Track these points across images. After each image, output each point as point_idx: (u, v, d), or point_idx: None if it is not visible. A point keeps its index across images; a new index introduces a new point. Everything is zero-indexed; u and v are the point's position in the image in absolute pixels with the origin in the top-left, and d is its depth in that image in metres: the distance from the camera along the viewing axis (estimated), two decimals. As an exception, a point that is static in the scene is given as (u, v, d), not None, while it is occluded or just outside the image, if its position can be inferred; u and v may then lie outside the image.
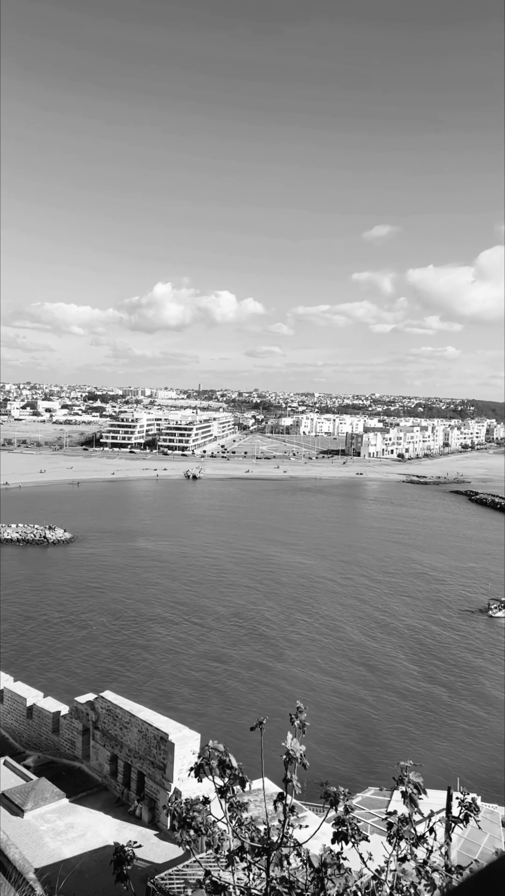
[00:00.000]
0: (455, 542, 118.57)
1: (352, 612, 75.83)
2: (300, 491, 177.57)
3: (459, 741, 48.05)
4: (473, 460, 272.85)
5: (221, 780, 4.69)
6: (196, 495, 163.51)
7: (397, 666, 60.94)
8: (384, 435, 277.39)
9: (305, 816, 16.70)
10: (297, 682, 56.18)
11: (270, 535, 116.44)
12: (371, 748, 46.37)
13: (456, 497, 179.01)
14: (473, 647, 66.46)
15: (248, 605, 76.62)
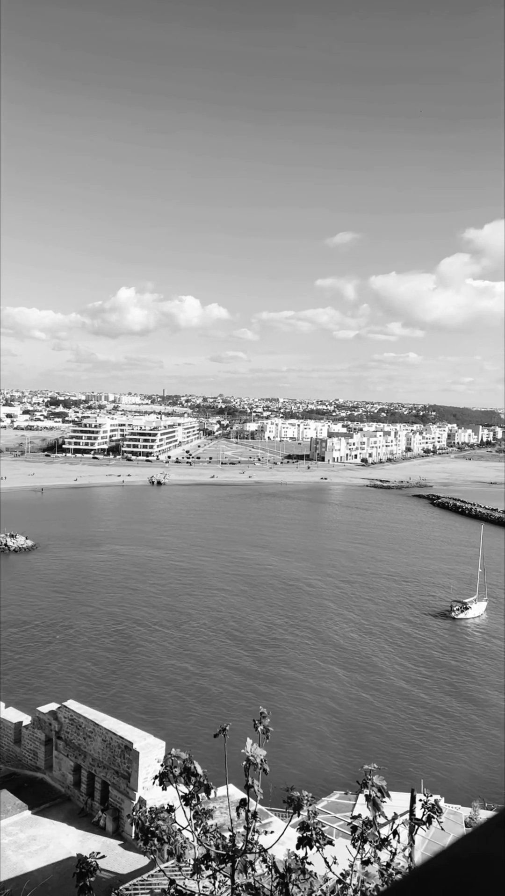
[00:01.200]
0: (418, 545, 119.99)
1: (319, 614, 76.13)
2: (266, 496, 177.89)
3: (425, 743, 48.55)
4: (434, 464, 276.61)
5: (186, 787, 4.68)
6: (161, 501, 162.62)
7: (364, 669, 61.34)
8: (348, 440, 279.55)
9: (271, 822, 16.69)
10: (266, 687, 56.16)
11: (237, 539, 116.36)
12: (339, 751, 46.57)
13: (418, 501, 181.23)
14: (438, 649, 67.26)
15: (216, 609, 76.39)
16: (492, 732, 50.31)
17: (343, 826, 22.99)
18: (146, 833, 4.60)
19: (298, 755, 44.98)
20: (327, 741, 48.11)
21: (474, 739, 49.27)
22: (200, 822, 4.63)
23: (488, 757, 46.75)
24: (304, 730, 49.25)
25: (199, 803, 4.63)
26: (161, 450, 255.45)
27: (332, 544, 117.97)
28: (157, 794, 20.18)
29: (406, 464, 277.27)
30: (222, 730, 5.03)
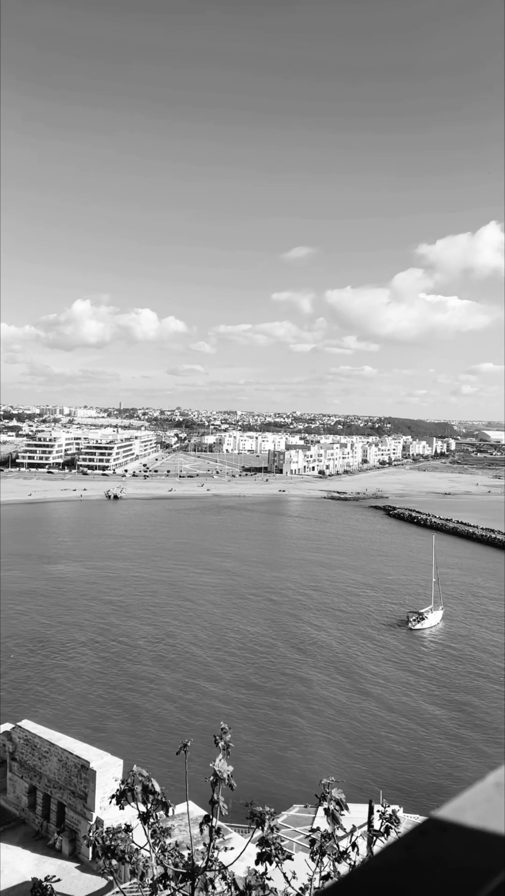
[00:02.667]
0: (375, 555, 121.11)
1: (278, 627, 76.09)
2: (225, 509, 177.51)
3: (385, 753, 48.80)
4: (390, 476, 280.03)
5: (144, 805, 4.63)
6: (118, 516, 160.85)
7: (324, 680, 61.46)
8: (306, 452, 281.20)
9: (231, 838, 16.55)
10: (227, 701, 55.78)
11: (196, 553, 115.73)
12: (298, 764, 46.46)
13: (375, 512, 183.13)
14: (396, 660, 67.84)
15: (175, 624, 75.70)
16: (448, 742, 50.87)
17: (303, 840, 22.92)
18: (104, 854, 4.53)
19: (257, 769, 44.73)
20: (287, 754, 47.98)
21: (432, 748, 49.75)
22: (159, 841, 4.59)
23: (445, 766, 47.25)
24: (264, 743, 49.04)
25: (157, 822, 4.58)
26: (118, 463, 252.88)
27: (290, 556, 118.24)
28: (114, 813, 19.82)
29: (362, 475, 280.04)
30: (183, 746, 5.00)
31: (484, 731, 52.46)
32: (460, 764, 47.34)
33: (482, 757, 48.32)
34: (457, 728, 53.01)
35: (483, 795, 0.96)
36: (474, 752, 49.19)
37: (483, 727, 53.18)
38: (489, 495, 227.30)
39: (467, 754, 48.90)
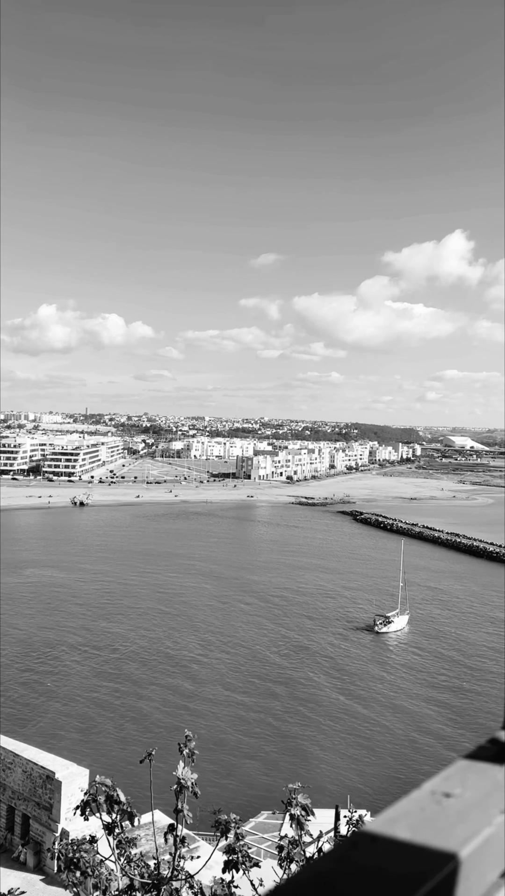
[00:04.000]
0: (342, 561, 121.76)
1: (245, 632, 75.96)
2: (193, 515, 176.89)
3: (351, 757, 48.99)
4: (357, 481, 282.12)
5: (109, 816, 4.58)
6: (84, 523, 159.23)
7: (291, 685, 61.49)
8: (273, 458, 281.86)
9: (198, 847, 16.44)
10: (198, 708, 55.45)
11: (165, 560, 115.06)
12: (268, 771, 46.38)
13: (342, 517, 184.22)
14: (361, 663, 68.21)
15: (143, 630, 75.07)
16: (415, 743, 51.28)
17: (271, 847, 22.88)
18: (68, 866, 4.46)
19: (225, 776, 44.55)
20: (258, 760, 47.88)
21: (398, 751, 50.09)
22: (124, 852, 4.54)
23: (412, 767, 47.61)
24: (233, 749, 48.87)
25: (122, 832, 4.53)
26: (84, 470, 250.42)
27: (258, 561, 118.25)
28: (80, 824, 19.55)
29: (330, 481, 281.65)
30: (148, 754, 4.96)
31: (450, 733, 53.01)
32: (426, 766, 47.75)
33: (447, 760, 48.76)
34: (423, 730, 53.47)
35: (417, 805, 0.96)
36: (440, 754, 49.68)
37: (448, 729, 53.74)
38: (454, 500, 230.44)
39: (434, 756, 49.35)
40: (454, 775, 1.07)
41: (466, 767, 1.09)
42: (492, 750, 1.15)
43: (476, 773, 1.08)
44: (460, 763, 1.10)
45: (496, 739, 1.17)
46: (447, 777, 1.06)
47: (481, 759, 1.12)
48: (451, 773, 1.08)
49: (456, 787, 1.02)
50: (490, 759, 1.12)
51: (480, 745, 1.15)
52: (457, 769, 1.08)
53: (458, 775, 1.07)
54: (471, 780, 1.05)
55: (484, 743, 1.15)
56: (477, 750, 1.14)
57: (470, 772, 1.09)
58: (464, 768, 1.09)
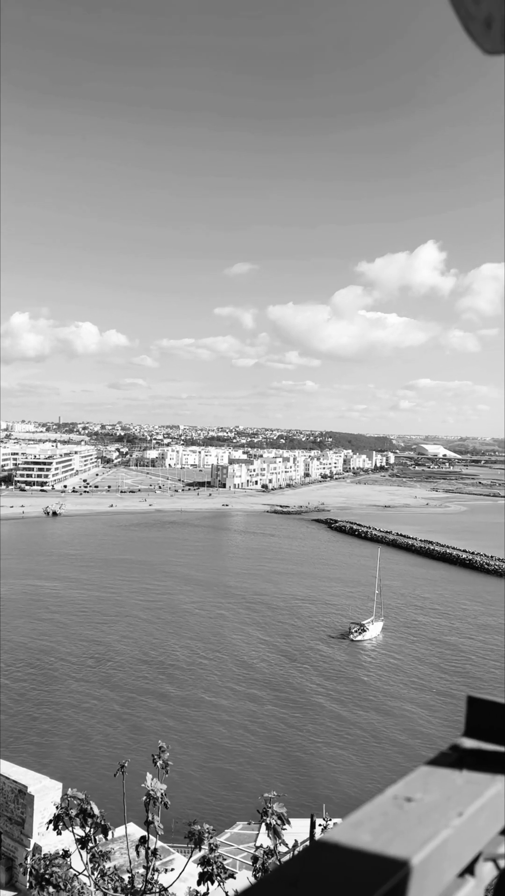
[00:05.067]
0: (317, 568, 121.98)
1: (223, 641, 75.66)
2: (168, 524, 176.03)
3: (328, 764, 48.96)
4: (332, 489, 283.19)
5: (82, 829, 4.53)
6: (58, 532, 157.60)
7: (268, 694, 61.35)
8: (249, 466, 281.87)
9: (173, 859, 16.30)
10: (174, 717, 55.01)
11: (139, 570, 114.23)
12: (245, 780, 46.14)
13: (317, 525, 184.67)
14: (337, 671, 68.30)
15: (119, 640, 74.36)
16: (390, 750, 51.44)
17: (246, 857, 22.76)
18: (40, 881, 4.40)
19: (203, 786, 44.24)
20: (234, 769, 47.62)
21: (374, 758, 50.19)
22: (98, 866, 4.49)
23: (387, 774, 47.72)
24: (211, 759, 48.55)
25: (95, 846, 4.49)
26: (57, 479, 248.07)
27: (234, 570, 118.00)
28: (53, 839, 19.26)
29: (305, 489, 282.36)
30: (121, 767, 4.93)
31: (424, 739, 53.26)
32: (402, 772, 47.82)
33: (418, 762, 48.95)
34: (398, 736, 53.66)
35: (380, 809, 0.99)
36: (415, 759, 49.80)
37: (423, 735, 53.99)
38: (427, 507, 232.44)
39: (409, 762, 49.51)
40: (416, 780, 1.10)
41: (428, 773, 1.12)
42: (453, 756, 1.17)
43: (437, 778, 1.11)
44: (422, 769, 1.13)
45: (457, 746, 1.20)
46: (409, 782, 1.09)
47: (443, 765, 1.15)
48: (413, 779, 1.11)
49: (417, 792, 1.05)
50: (451, 764, 1.15)
51: (441, 751, 1.17)
52: (419, 774, 1.12)
53: (419, 780, 1.10)
54: (432, 784, 1.09)
55: (446, 749, 1.18)
56: (439, 756, 1.17)
57: (431, 777, 1.12)
58: (425, 774, 1.12)
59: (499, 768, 1.14)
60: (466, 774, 1.11)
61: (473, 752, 1.19)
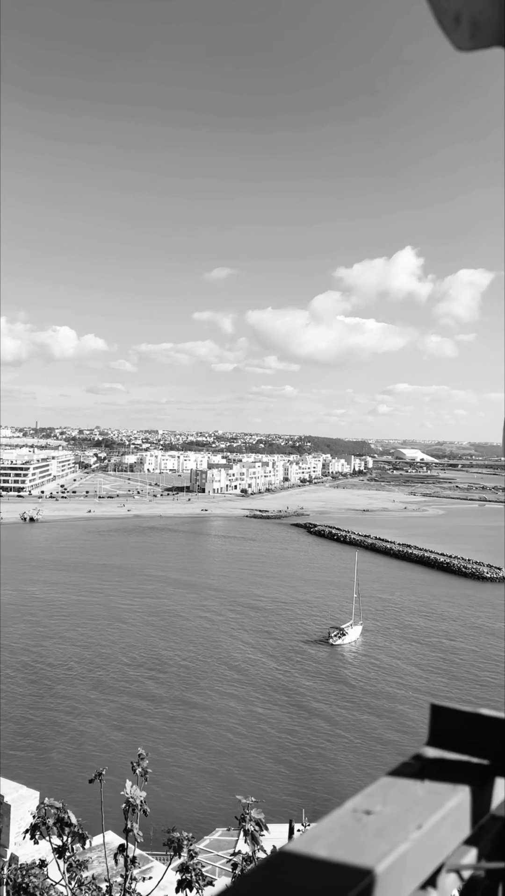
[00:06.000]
0: (297, 573, 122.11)
1: (205, 645, 75.39)
2: (147, 530, 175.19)
3: (306, 769, 48.96)
4: (311, 493, 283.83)
5: (59, 838, 4.50)
6: (36, 538, 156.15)
7: (250, 697, 61.22)
8: (228, 471, 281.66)
9: (151, 867, 16.18)
10: (148, 724, 54.66)
11: (119, 575, 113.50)
12: (225, 786, 45.96)
13: (297, 530, 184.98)
14: (318, 675, 68.38)
15: (100, 645, 73.77)
16: (370, 754, 51.57)
17: (226, 864, 22.67)
18: (17, 891, 4.36)
19: (183, 793, 44.00)
20: (215, 775, 47.44)
21: (355, 761, 50.28)
22: (75, 875, 4.46)
23: (368, 778, 47.79)
24: (191, 764, 48.31)
25: (73, 855, 4.46)
26: (34, 484, 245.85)
27: (214, 575, 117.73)
28: (31, 848, 19.04)
29: (284, 493, 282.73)
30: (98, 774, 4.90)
31: (406, 742, 53.47)
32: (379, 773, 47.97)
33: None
34: (379, 740, 53.81)
35: (338, 823, 0.96)
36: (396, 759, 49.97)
37: (404, 737, 54.20)
38: (405, 511, 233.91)
39: (390, 763, 49.60)
40: (376, 793, 1.07)
41: (389, 784, 1.10)
42: (415, 766, 1.16)
43: (398, 789, 1.08)
44: (383, 780, 1.10)
45: (420, 755, 1.18)
46: (369, 794, 1.06)
47: (404, 776, 1.12)
48: (373, 791, 1.07)
49: (377, 805, 1.02)
50: (412, 775, 1.12)
51: (404, 761, 1.15)
52: (379, 786, 1.09)
53: (379, 792, 1.07)
54: (392, 796, 1.05)
55: (408, 759, 1.16)
56: (401, 766, 1.14)
57: (392, 788, 1.08)
58: (386, 785, 1.10)
59: (462, 778, 1.12)
60: (428, 785, 1.09)
61: (435, 762, 1.17)
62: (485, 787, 1.14)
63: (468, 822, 1.09)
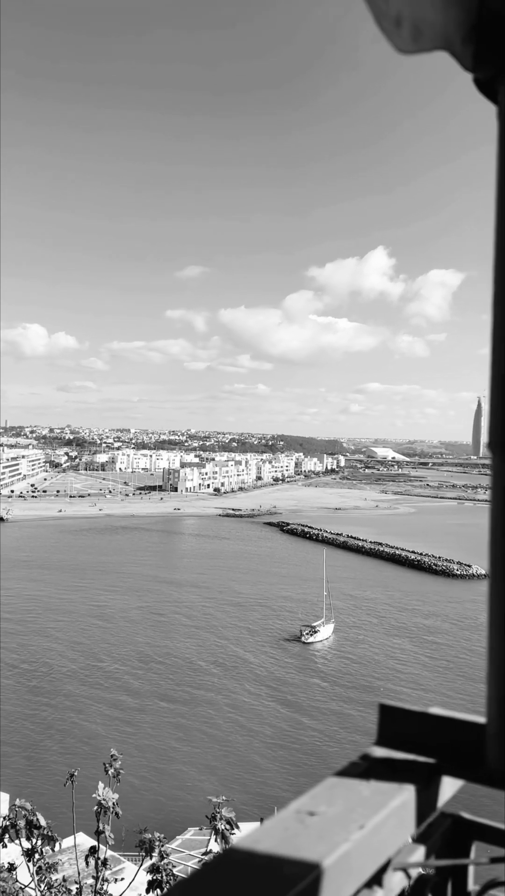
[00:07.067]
0: (270, 571, 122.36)
1: (178, 644, 75.17)
2: (119, 529, 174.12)
3: (280, 767, 49.10)
4: (284, 492, 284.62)
5: (29, 841, 4.46)
6: (6, 539, 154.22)
7: (221, 696, 61.22)
8: (201, 470, 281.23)
9: (123, 868, 16.12)
10: (120, 725, 54.36)
11: (92, 575, 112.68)
12: (197, 785, 45.91)
13: (269, 528, 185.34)
14: (290, 673, 68.63)
15: (72, 644, 73.14)
16: (346, 749, 51.89)
17: (197, 864, 22.65)
18: (-15, 897, 4.32)
19: (156, 793, 43.85)
20: (188, 774, 47.35)
21: (330, 758, 50.55)
22: (45, 878, 4.42)
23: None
24: (164, 765, 48.15)
25: (42, 857, 4.43)
26: (3, 484, 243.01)
27: (187, 574, 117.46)
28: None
29: (257, 492, 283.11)
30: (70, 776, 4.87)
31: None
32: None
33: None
34: (353, 735, 54.18)
35: (281, 824, 0.96)
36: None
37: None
38: (377, 509, 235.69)
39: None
40: (321, 793, 1.07)
41: (335, 784, 1.10)
42: (362, 766, 1.16)
43: (344, 789, 1.08)
44: (330, 780, 1.10)
45: (367, 755, 1.18)
46: (314, 795, 1.06)
47: (351, 776, 1.13)
48: (318, 792, 1.07)
49: (321, 805, 1.02)
50: (359, 775, 1.13)
51: (352, 761, 1.15)
52: (325, 787, 1.09)
53: (325, 793, 1.07)
54: (337, 797, 1.05)
55: (356, 759, 1.16)
56: (348, 766, 1.14)
57: (338, 788, 1.08)
58: (332, 785, 1.10)
59: (407, 777, 1.12)
60: (374, 784, 1.09)
61: (382, 762, 1.17)
62: (431, 785, 1.14)
63: (413, 821, 1.09)
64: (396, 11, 0.87)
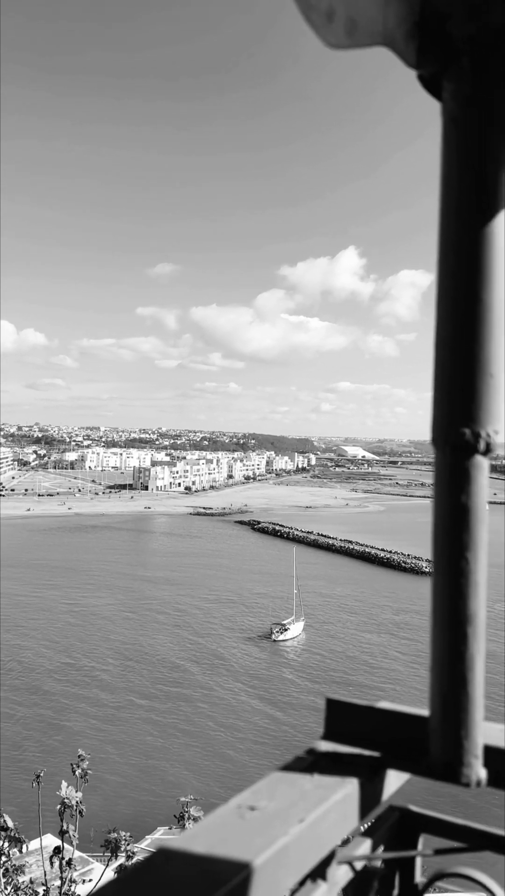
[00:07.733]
0: (240, 570, 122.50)
1: (147, 643, 74.83)
2: (89, 528, 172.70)
3: (256, 762, 49.21)
4: (255, 490, 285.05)
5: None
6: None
7: (192, 694, 61.12)
8: (172, 468, 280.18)
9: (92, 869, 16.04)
10: (91, 723, 53.95)
11: (62, 574, 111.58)
12: (169, 784, 45.80)
13: (241, 527, 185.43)
14: (261, 671, 68.79)
15: (41, 642, 72.36)
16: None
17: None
18: (-50, 901, 4.28)
19: (127, 791, 43.64)
20: (160, 773, 47.20)
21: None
22: (11, 880, 4.39)
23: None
24: (137, 762, 47.94)
25: (9, 860, 4.39)
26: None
27: (157, 574, 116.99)
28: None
29: (228, 490, 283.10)
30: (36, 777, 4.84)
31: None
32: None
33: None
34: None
35: (220, 819, 0.96)
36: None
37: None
38: (347, 507, 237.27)
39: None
40: (263, 788, 1.06)
41: (278, 779, 1.09)
42: (307, 760, 1.16)
43: (286, 784, 1.07)
44: (273, 775, 1.10)
45: (313, 749, 1.18)
46: (256, 790, 1.05)
47: (295, 770, 1.12)
48: (260, 787, 1.07)
49: (262, 800, 1.01)
50: (304, 769, 1.12)
51: (297, 755, 1.14)
52: (268, 782, 1.09)
53: (267, 788, 1.06)
54: (279, 791, 1.04)
55: (302, 753, 1.14)
56: (293, 761, 1.14)
57: (280, 783, 1.08)
58: (275, 780, 1.09)
59: (351, 770, 1.12)
60: (317, 779, 1.09)
61: (327, 756, 1.17)
62: (375, 779, 1.14)
63: (356, 815, 1.08)
64: (328, 4, 0.82)
